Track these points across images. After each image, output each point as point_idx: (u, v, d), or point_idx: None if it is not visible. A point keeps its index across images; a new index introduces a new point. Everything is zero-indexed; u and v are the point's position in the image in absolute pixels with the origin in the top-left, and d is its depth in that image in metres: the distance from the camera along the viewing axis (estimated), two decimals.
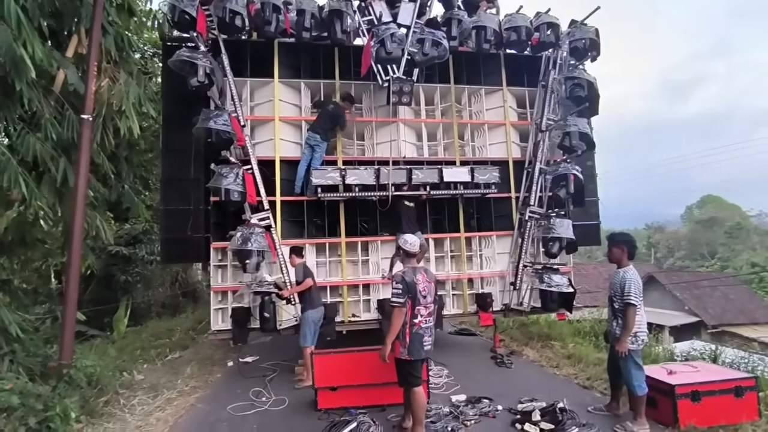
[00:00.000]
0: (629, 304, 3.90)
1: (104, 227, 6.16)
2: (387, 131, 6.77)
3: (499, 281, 7.08)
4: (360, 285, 6.58)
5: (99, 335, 10.16)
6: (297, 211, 6.48)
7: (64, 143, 5.51)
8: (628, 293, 3.92)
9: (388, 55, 5.99)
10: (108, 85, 5.82)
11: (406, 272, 3.79)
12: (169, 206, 6.49)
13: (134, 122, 5.89)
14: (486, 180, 6.62)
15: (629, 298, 3.90)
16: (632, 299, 3.89)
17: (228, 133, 5.67)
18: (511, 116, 7.38)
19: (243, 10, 6.13)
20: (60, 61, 5.36)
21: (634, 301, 3.89)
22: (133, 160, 7.90)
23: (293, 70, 6.72)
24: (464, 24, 6.87)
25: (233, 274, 6.26)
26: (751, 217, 48.08)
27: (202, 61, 5.65)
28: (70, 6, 5.80)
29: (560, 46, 7.21)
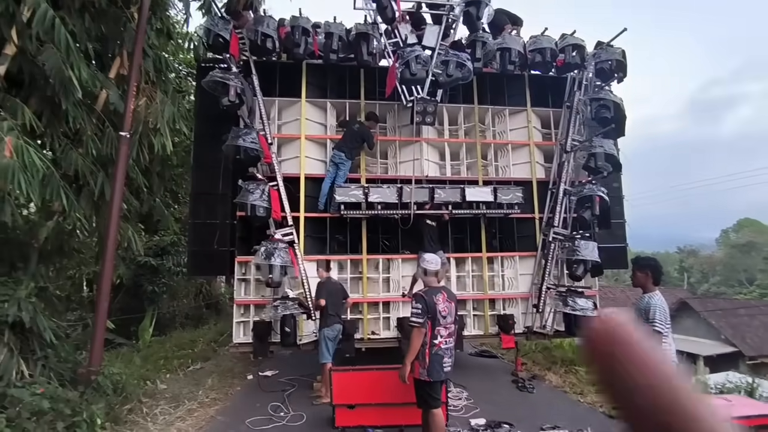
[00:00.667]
0: (654, 332, 3.78)
1: (135, 239, 6.40)
2: (410, 150, 6.85)
3: (521, 303, 6.96)
4: (380, 302, 6.59)
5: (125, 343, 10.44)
6: (320, 227, 6.58)
7: (103, 158, 5.80)
8: (653, 319, 3.80)
9: (413, 77, 6.10)
10: (145, 103, 6.13)
11: (426, 292, 3.79)
12: (198, 220, 6.70)
13: (168, 139, 6.16)
14: (509, 200, 6.58)
15: (654, 324, 3.78)
16: (657, 326, 3.77)
17: (256, 151, 5.86)
18: (536, 136, 7.35)
19: (274, 33, 6.40)
20: (103, 81, 5.69)
21: (660, 328, 3.76)
22: (165, 174, 8.23)
23: (320, 90, 6.92)
24: (489, 46, 6.94)
25: (256, 288, 6.37)
26: None
27: (233, 82, 5.89)
28: (115, 30, 6.18)
29: (586, 67, 7.18)
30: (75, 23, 5.38)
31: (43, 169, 4.47)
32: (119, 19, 6.09)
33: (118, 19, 6.09)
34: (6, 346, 4.76)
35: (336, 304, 5.70)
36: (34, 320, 5.00)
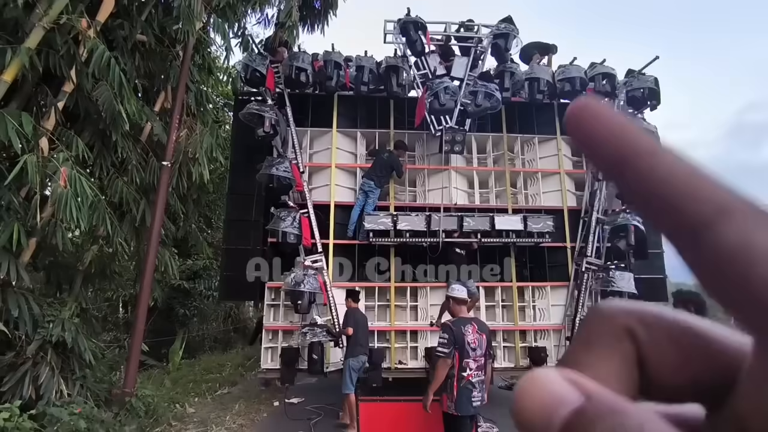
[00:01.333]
0: None
1: (172, 263, 6.63)
2: (439, 178, 6.90)
3: (553, 335, 6.73)
4: (408, 331, 6.52)
5: (156, 365, 10.66)
6: (348, 254, 6.64)
7: (146, 186, 6.12)
8: None
9: (442, 107, 6.22)
10: (186, 134, 6.47)
11: (454, 322, 3.73)
12: (230, 245, 6.90)
13: (205, 168, 6.46)
14: (539, 228, 6.49)
15: None
16: None
17: (288, 179, 6.06)
18: (566, 164, 7.27)
19: (308, 67, 6.71)
20: (148, 114, 6.07)
21: None
22: (201, 201, 8.55)
23: (350, 121, 7.12)
24: (517, 76, 7.02)
25: (284, 314, 6.44)
26: None
27: (268, 114, 6.17)
28: (161, 67, 6.62)
29: (617, 95, 7.14)
30: (126, 62, 5.80)
31: (91, 197, 4.75)
32: (166, 57, 6.53)
33: (164, 57, 6.53)
34: (48, 365, 4.96)
35: (364, 334, 5.68)
36: (76, 340, 5.22)
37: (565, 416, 0.16)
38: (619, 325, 0.20)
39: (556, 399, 0.16)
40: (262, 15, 8.80)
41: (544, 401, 0.16)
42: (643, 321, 0.20)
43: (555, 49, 7.86)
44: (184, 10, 5.39)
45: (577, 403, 0.16)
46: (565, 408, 0.16)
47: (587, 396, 0.16)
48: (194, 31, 5.59)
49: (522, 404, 0.17)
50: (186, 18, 5.41)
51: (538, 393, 0.17)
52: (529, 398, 0.17)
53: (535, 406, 0.16)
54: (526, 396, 0.17)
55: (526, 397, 0.17)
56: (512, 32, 6.80)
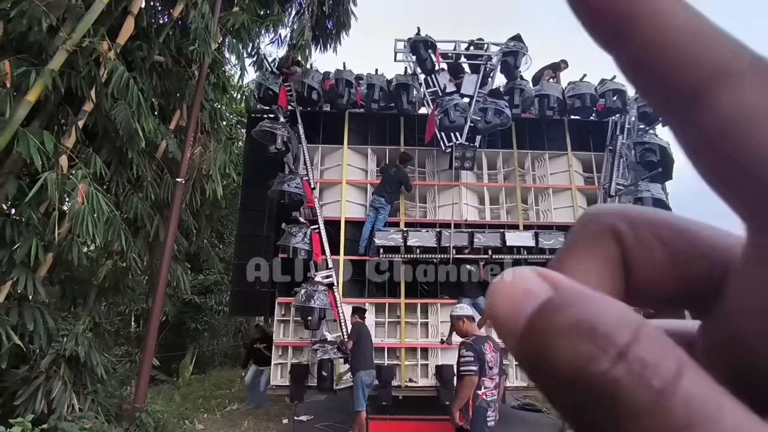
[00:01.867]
0: None
1: (184, 278, 6.70)
2: (449, 194, 6.91)
3: None
4: (418, 348, 6.44)
5: (166, 380, 10.67)
6: (359, 270, 6.64)
7: (160, 202, 6.24)
8: None
9: (452, 124, 6.26)
10: (200, 152, 6.61)
11: (474, 340, 3.67)
12: (242, 261, 6.94)
13: (218, 185, 6.57)
14: (551, 245, 6.41)
15: None
16: None
17: (299, 195, 6.12)
18: (577, 180, 7.23)
19: (319, 85, 6.83)
20: (164, 132, 6.22)
21: None
22: (213, 216, 8.67)
23: (361, 137, 7.20)
24: (527, 92, 7.06)
25: (294, 330, 6.42)
26: None
27: (280, 131, 6.27)
28: (177, 86, 6.80)
29: (627, 111, 7.11)
30: (144, 81, 5.98)
31: (107, 213, 4.86)
32: (182, 77, 6.72)
33: (180, 77, 6.72)
34: (61, 379, 5.01)
35: (370, 349, 5.64)
36: (88, 355, 5.27)
37: (531, 310, 0.15)
38: (602, 226, 0.18)
39: (525, 294, 0.15)
40: (275, 35, 9.03)
41: (514, 296, 0.16)
42: (627, 220, 0.18)
43: (566, 64, 7.90)
44: (201, 32, 5.57)
45: (545, 297, 0.15)
46: (534, 301, 0.15)
47: (555, 288, 0.15)
48: (209, 52, 5.76)
49: (494, 300, 0.16)
50: (202, 39, 5.58)
51: (509, 289, 0.16)
52: (500, 295, 0.16)
53: (505, 302, 0.16)
54: (498, 293, 0.16)
55: (498, 294, 0.16)
56: (521, 50, 6.86)
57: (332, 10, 9.28)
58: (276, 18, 8.13)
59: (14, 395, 4.71)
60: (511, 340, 0.15)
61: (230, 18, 6.91)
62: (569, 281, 0.16)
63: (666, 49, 0.15)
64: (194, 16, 5.63)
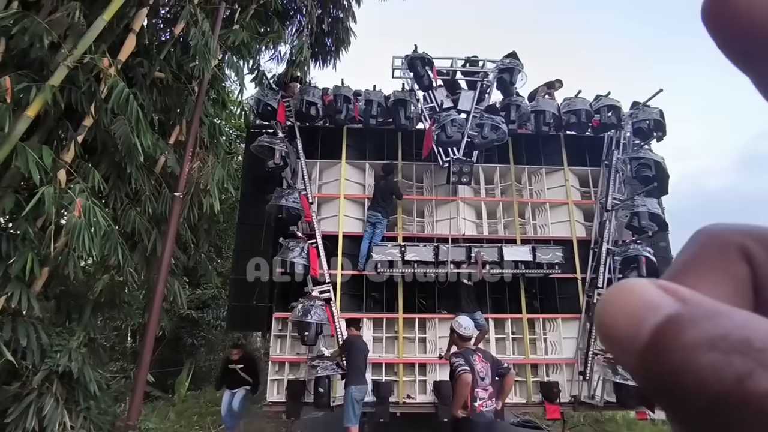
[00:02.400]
0: None
1: (181, 293, 6.65)
2: (447, 209, 6.93)
3: (566, 369, 6.54)
4: (416, 364, 6.39)
5: (162, 396, 10.52)
6: (356, 284, 6.62)
7: (158, 216, 6.23)
8: None
9: (449, 139, 6.33)
10: (198, 166, 6.63)
11: (463, 352, 3.71)
12: (239, 275, 6.92)
13: (216, 200, 6.58)
14: (549, 259, 6.43)
15: None
16: None
17: (297, 210, 6.14)
18: (574, 195, 7.27)
19: (318, 100, 6.92)
20: (164, 147, 6.25)
21: None
22: (211, 231, 8.65)
23: (359, 152, 7.25)
24: (523, 108, 7.15)
25: (291, 345, 6.37)
26: None
27: (279, 146, 6.33)
28: (177, 102, 6.86)
29: (623, 127, 7.20)
30: (144, 97, 6.04)
31: (104, 227, 4.85)
32: (182, 93, 6.78)
33: (180, 93, 6.78)
34: (53, 396, 4.93)
35: (364, 362, 5.60)
36: (82, 371, 5.20)
37: (656, 323, 0.13)
38: (729, 244, 0.17)
39: (646, 306, 0.14)
40: (275, 52, 9.15)
41: (633, 309, 0.14)
42: (758, 239, 0.17)
43: (560, 83, 8.02)
44: (201, 49, 5.65)
45: (671, 310, 0.13)
46: (657, 315, 0.13)
47: (683, 301, 0.14)
48: (209, 68, 5.82)
49: (607, 314, 0.14)
50: (202, 56, 5.65)
51: (627, 301, 0.14)
52: (615, 307, 0.14)
53: (622, 315, 0.14)
54: (612, 305, 0.14)
55: (613, 306, 0.14)
56: (517, 67, 6.97)
57: (331, 27, 9.43)
58: (276, 35, 8.24)
59: (5, 413, 4.63)
60: (628, 355, 0.14)
61: (230, 35, 7.01)
62: (697, 295, 0.14)
63: None
64: (195, 33, 5.71)
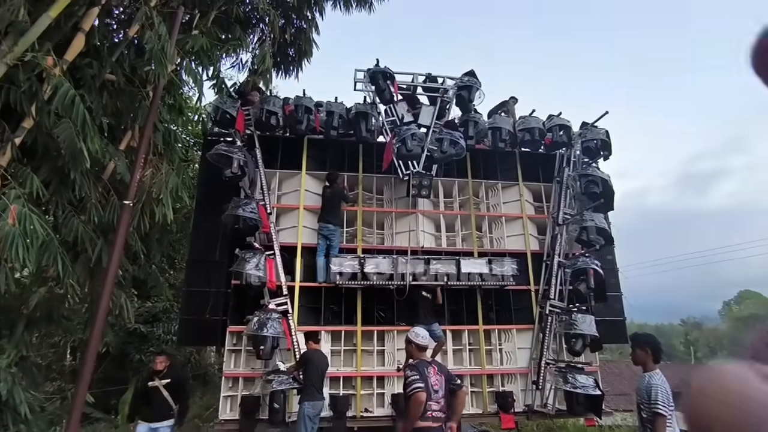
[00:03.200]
0: (657, 414, 3.62)
1: (128, 306, 6.30)
2: (406, 221, 7.00)
3: (521, 379, 6.71)
4: (374, 377, 6.35)
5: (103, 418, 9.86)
6: (314, 297, 6.53)
7: (104, 225, 5.91)
8: (655, 401, 3.65)
9: (409, 152, 6.43)
10: (151, 174, 6.37)
11: (417, 363, 3.70)
12: (192, 288, 6.67)
13: (169, 209, 6.32)
14: (504, 272, 6.61)
15: (656, 406, 3.63)
16: (660, 408, 3.62)
17: (254, 220, 6.00)
18: (528, 210, 7.56)
19: (279, 110, 6.85)
20: (113, 153, 5.96)
21: (662, 410, 3.61)
22: (164, 241, 8.29)
23: (320, 163, 7.21)
24: (480, 125, 7.40)
25: (246, 360, 6.17)
26: None
27: (237, 155, 6.19)
28: (130, 106, 6.58)
29: (573, 145, 7.59)
30: (93, 100, 5.76)
31: (43, 236, 4.54)
32: (135, 97, 6.52)
33: (134, 97, 6.52)
34: None
35: (320, 378, 5.50)
36: (11, 392, 4.80)
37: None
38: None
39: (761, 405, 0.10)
40: (236, 59, 9.01)
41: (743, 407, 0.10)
42: None
43: (514, 99, 8.39)
44: (157, 53, 5.47)
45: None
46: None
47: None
48: (165, 73, 5.64)
49: (708, 411, 0.11)
50: (157, 60, 5.47)
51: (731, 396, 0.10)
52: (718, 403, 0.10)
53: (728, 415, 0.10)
54: (714, 399, 0.10)
55: (714, 402, 0.10)
56: (475, 84, 7.23)
57: (294, 38, 9.42)
58: (237, 43, 8.13)
59: None
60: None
61: (189, 40, 6.85)
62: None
63: None
64: (150, 36, 5.53)
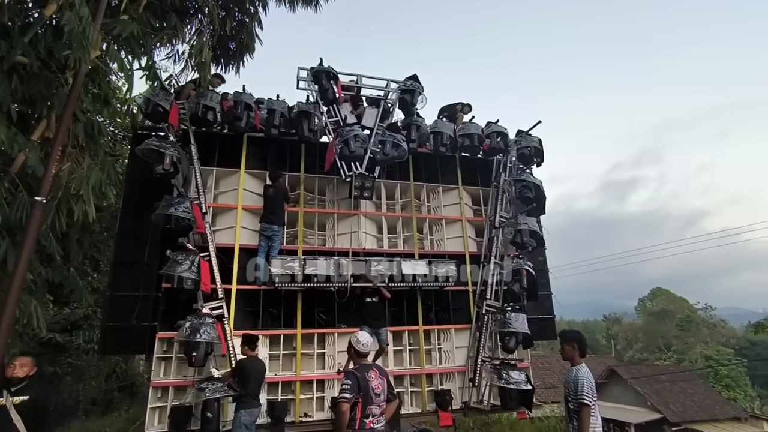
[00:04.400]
0: (583, 404, 3.87)
1: (38, 314, 5.69)
2: (348, 223, 6.98)
3: (458, 377, 6.92)
4: (314, 381, 6.25)
5: None
6: (252, 300, 6.30)
7: (11, 224, 5.31)
8: (581, 392, 3.91)
9: (351, 153, 6.41)
10: (69, 168, 5.82)
11: (358, 369, 3.71)
12: (117, 291, 6.18)
13: (91, 206, 5.78)
14: (444, 273, 6.78)
15: (582, 397, 3.89)
16: (585, 399, 3.88)
17: (188, 220, 5.68)
18: (467, 213, 7.83)
19: (217, 105, 6.55)
20: (23, 144, 5.36)
21: (587, 400, 3.87)
22: (85, 241, 7.62)
23: (260, 162, 6.99)
24: (422, 129, 7.55)
25: (177, 368, 5.82)
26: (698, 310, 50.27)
27: (169, 151, 5.83)
28: (46, 93, 5.97)
29: (509, 152, 7.96)
30: (0, 84, 5.16)
31: None
32: (51, 83, 5.92)
33: (49, 83, 5.92)
34: None
35: (256, 384, 5.32)
36: None
37: None
38: None
39: None
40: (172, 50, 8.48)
41: None
42: None
43: (469, 108, 8.48)
44: (77, 35, 5.01)
45: None
46: None
47: None
48: (87, 59, 5.17)
49: None
50: (78, 44, 5.01)
51: None
52: None
53: None
54: None
55: None
56: (417, 89, 7.37)
57: (236, 31, 9.05)
58: (172, 32, 7.65)
59: None
60: None
61: (117, 26, 6.34)
62: None
63: None
64: (69, 18, 5.04)
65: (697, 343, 40.28)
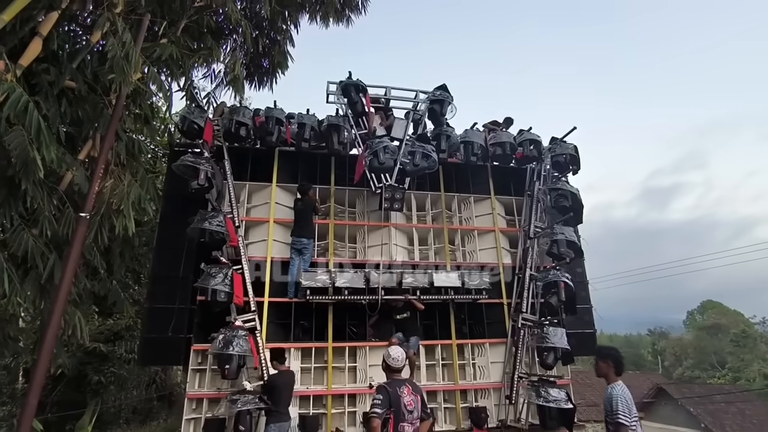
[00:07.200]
0: (619, 424, 3.68)
1: (82, 325, 5.94)
2: (378, 235, 6.92)
3: (494, 394, 6.65)
4: (346, 395, 6.17)
5: None
6: (284, 313, 6.33)
7: (58, 239, 5.58)
8: (616, 411, 3.74)
9: (381, 165, 6.38)
10: (112, 185, 6.08)
11: (389, 383, 3.62)
12: (155, 304, 6.35)
13: (130, 221, 6.02)
14: (477, 285, 6.59)
15: (617, 416, 3.71)
16: (620, 418, 3.69)
17: (221, 234, 5.80)
18: (500, 223, 7.61)
19: (249, 121, 6.72)
20: (71, 163, 5.67)
21: (623, 419, 3.68)
22: (126, 255, 7.93)
23: (291, 176, 7.07)
24: (453, 139, 7.45)
25: (211, 380, 5.90)
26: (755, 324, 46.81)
27: (204, 166, 6.00)
28: (92, 114, 6.31)
29: (543, 159, 7.72)
30: (50, 107, 5.48)
31: None
32: (96, 105, 6.25)
33: (95, 105, 6.25)
34: None
35: (286, 398, 5.30)
36: None
37: None
38: None
39: None
40: (208, 70, 8.83)
41: None
42: None
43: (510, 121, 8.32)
44: (119, 60, 5.27)
45: None
46: None
47: None
48: (128, 82, 5.43)
49: None
50: (119, 69, 5.27)
51: None
52: None
53: None
54: None
55: None
56: (447, 99, 7.29)
57: (268, 49, 9.33)
58: (208, 52, 7.96)
59: None
60: None
61: (157, 49, 6.65)
62: None
63: None
64: (113, 44, 5.33)
65: (755, 360, 37.36)
